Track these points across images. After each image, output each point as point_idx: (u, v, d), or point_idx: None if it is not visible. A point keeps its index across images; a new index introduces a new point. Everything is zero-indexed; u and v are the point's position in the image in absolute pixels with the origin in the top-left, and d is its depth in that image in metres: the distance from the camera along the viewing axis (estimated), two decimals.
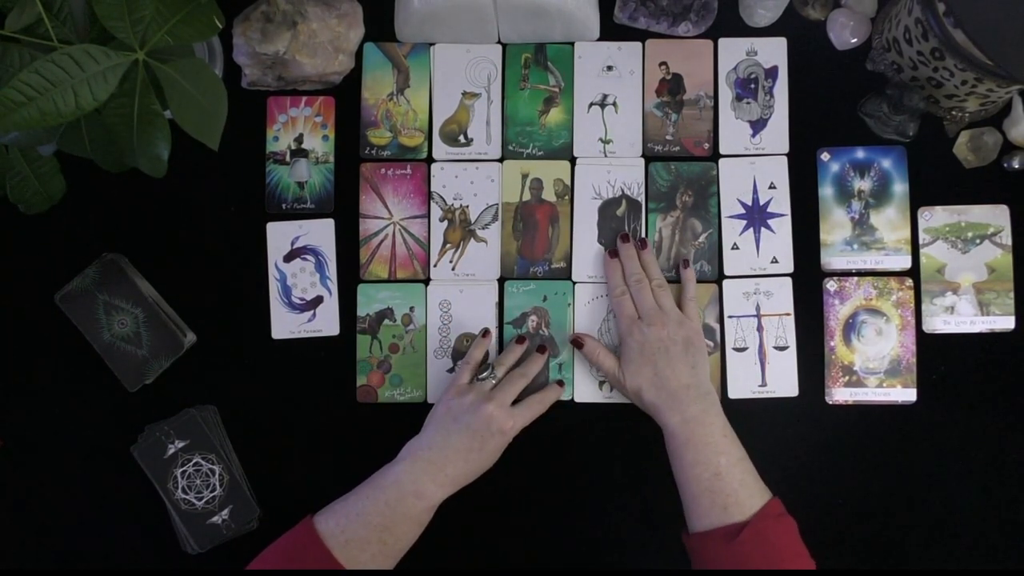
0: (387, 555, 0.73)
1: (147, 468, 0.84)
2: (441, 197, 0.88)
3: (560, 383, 0.85)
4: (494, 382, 0.81)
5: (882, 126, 0.87)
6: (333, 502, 0.76)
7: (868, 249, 0.87)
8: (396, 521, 0.73)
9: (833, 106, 0.88)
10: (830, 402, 0.86)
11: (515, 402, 0.80)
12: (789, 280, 0.87)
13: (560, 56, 0.89)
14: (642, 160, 0.88)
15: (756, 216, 0.88)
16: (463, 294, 0.87)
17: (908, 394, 0.86)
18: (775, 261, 0.87)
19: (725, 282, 0.87)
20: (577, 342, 0.84)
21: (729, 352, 0.86)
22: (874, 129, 0.88)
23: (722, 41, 0.89)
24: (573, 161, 0.88)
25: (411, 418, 0.87)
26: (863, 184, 0.87)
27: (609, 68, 0.89)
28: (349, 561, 0.71)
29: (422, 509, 0.74)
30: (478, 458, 0.76)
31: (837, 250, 0.87)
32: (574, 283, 0.87)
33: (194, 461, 0.84)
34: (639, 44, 0.89)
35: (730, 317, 0.87)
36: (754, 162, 0.88)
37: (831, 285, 0.87)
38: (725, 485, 0.72)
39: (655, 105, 0.89)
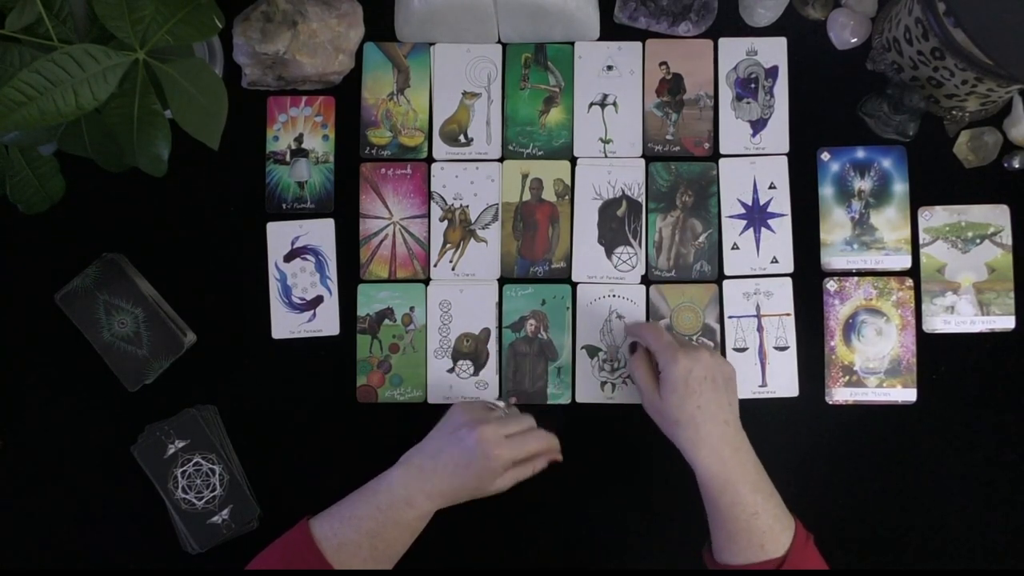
0: (378, 560, 0.73)
1: (147, 468, 0.84)
2: (441, 197, 0.88)
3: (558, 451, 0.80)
4: (502, 415, 0.78)
5: (882, 126, 0.87)
6: (332, 505, 0.76)
7: (868, 249, 0.87)
8: (387, 527, 0.73)
9: (833, 106, 0.88)
10: (830, 402, 0.86)
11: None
12: (789, 280, 0.87)
13: (560, 56, 0.89)
14: (642, 160, 0.88)
15: (756, 216, 0.88)
16: (463, 294, 0.87)
17: (908, 394, 0.86)
18: (775, 261, 0.87)
19: (725, 282, 0.87)
20: (632, 346, 0.83)
21: (729, 352, 0.86)
22: (874, 129, 0.88)
23: (722, 41, 0.89)
24: (573, 161, 0.88)
25: (411, 418, 0.87)
26: (863, 184, 0.87)
27: (609, 68, 0.89)
28: (341, 565, 0.71)
29: (413, 517, 0.74)
30: (463, 476, 0.74)
31: (837, 250, 0.87)
32: (574, 284, 0.87)
33: (194, 461, 0.84)
34: (639, 44, 0.89)
35: (730, 317, 0.87)
36: (754, 162, 0.88)
37: (831, 285, 0.87)
38: (761, 523, 0.71)
39: (655, 105, 0.89)
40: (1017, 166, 0.86)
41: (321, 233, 0.88)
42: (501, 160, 0.89)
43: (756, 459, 0.75)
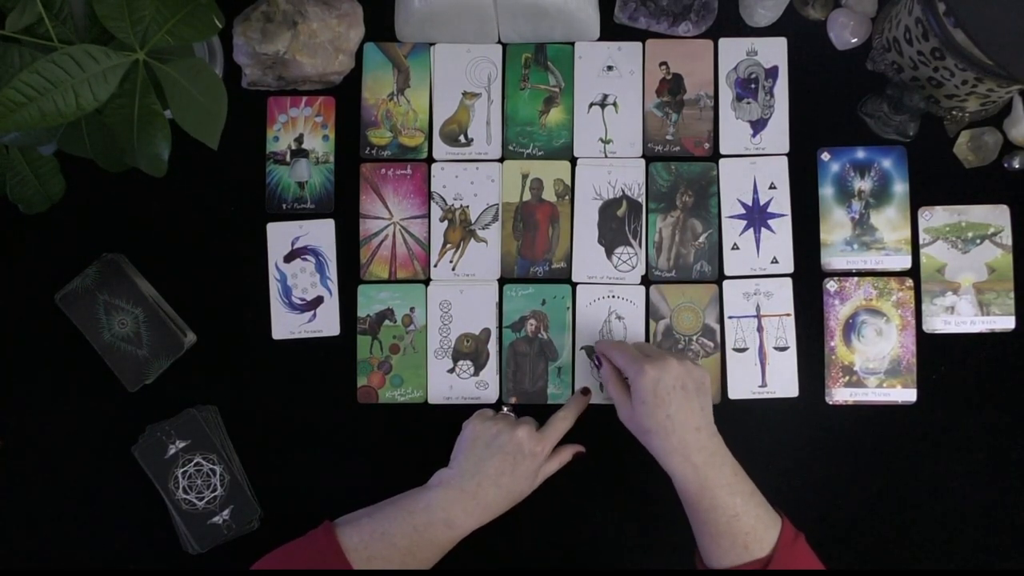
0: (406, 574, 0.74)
1: (148, 468, 0.84)
2: (441, 197, 0.88)
3: (585, 391, 0.84)
4: (514, 416, 0.81)
5: (882, 126, 0.87)
6: (356, 513, 0.76)
7: (868, 249, 0.87)
8: (421, 546, 0.73)
9: (833, 106, 0.88)
10: (830, 402, 0.86)
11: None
12: (789, 280, 0.87)
13: (560, 56, 0.89)
14: (642, 160, 0.88)
15: (756, 216, 0.88)
16: (463, 294, 0.87)
17: (908, 394, 0.86)
18: (775, 261, 0.87)
19: (725, 282, 0.87)
20: (597, 359, 0.83)
21: (729, 353, 0.86)
22: (874, 129, 0.88)
23: (722, 41, 0.89)
24: (573, 161, 0.88)
25: (412, 419, 0.87)
26: (863, 184, 0.87)
27: (609, 68, 0.89)
28: None
29: (449, 538, 0.75)
30: (510, 482, 0.76)
31: (837, 250, 0.87)
32: (574, 284, 0.87)
33: (195, 461, 0.84)
34: (639, 44, 0.89)
35: (730, 318, 0.87)
36: (754, 162, 0.88)
37: (831, 285, 0.87)
38: (743, 524, 0.71)
39: (655, 105, 0.89)
40: (1017, 166, 0.86)
41: (321, 233, 0.88)
42: (501, 160, 0.89)
43: (733, 462, 0.75)
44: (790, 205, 0.88)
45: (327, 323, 0.87)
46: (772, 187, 0.88)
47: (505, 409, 0.84)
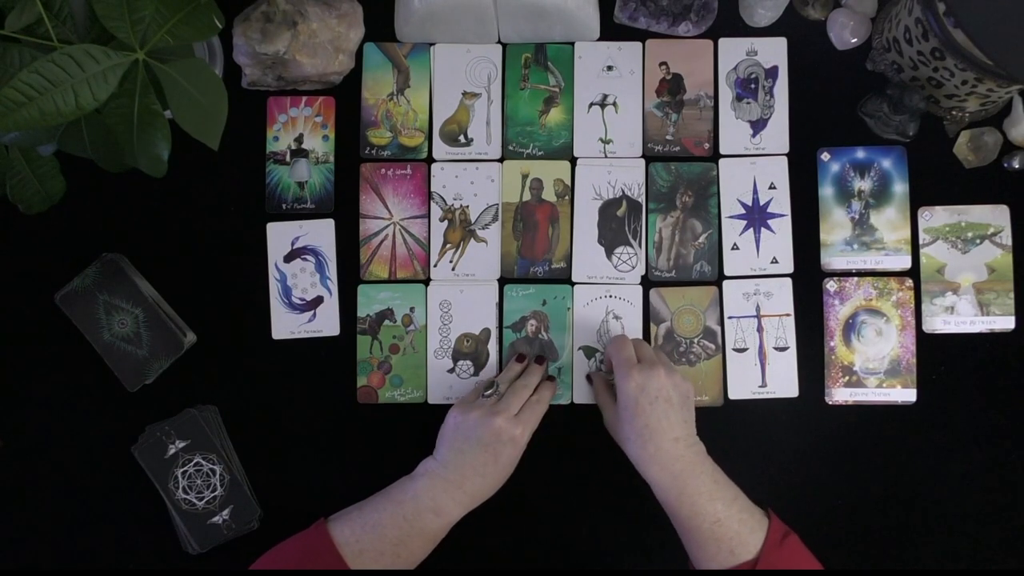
0: (399, 566, 0.73)
1: (148, 468, 0.84)
2: (441, 197, 0.88)
3: (551, 378, 0.85)
4: (498, 398, 0.80)
5: (882, 126, 0.87)
6: (348, 508, 0.76)
7: (868, 249, 0.87)
8: (412, 536, 0.73)
9: (833, 106, 0.88)
10: (830, 402, 0.86)
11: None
12: (789, 280, 0.87)
13: (560, 56, 0.89)
14: (642, 160, 0.88)
15: (756, 216, 0.88)
16: (463, 294, 0.87)
17: (908, 394, 0.86)
18: (775, 261, 0.87)
19: (725, 283, 0.87)
20: (589, 378, 0.86)
21: (729, 353, 0.86)
22: (874, 129, 0.88)
23: (722, 41, 0.89)
24: (573, 161, 0.88)
25: (412, 419, 0.87)
26: (863, 184, 0.87)
27: (609, 68, 0.89)
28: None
29: (439, 526, 0.74)
30: (494, 471, 0.76)
31: (837, 250, 0.87)
32: (573, 284, 0.87)
33: (195, 461, 0.84)
34: (639, 44, 0.89)
35: (730, 318, 0.87)
36: (754, 162, 0.88)
37: (831, 285, 0.87)
38: (727, 530, 0.71)
39: (655, 105, 0.89)
40: (1017, 166, 0.86)
41: (321, 233, 0.88)
42: (501, 160, 0.89)
43: (713, 470, 0.75)
44: (790, 205, 0.88)
45: (327, 323, 0.87)
46: (772, 187, 0.88)
47: (491, 390, 0.80)
